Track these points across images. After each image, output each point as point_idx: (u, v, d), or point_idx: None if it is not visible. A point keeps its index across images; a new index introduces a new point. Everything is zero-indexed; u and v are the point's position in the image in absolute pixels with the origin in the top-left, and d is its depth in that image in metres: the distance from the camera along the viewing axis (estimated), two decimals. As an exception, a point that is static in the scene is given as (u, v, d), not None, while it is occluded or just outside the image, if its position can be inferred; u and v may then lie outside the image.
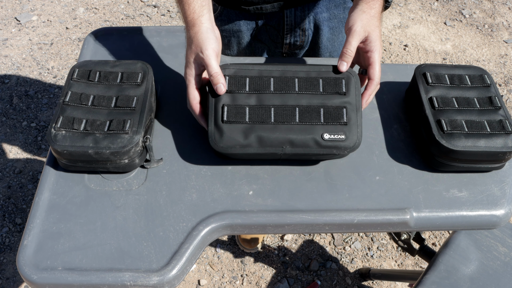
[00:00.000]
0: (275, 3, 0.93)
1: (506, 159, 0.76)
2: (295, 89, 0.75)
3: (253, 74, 0.76)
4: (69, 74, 0.79)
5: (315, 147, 0.72)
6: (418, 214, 0.73)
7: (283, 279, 1.61)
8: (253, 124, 0.72)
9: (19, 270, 0.66)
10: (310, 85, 0.75)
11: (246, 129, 0.72)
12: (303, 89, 0.75)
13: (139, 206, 0.72)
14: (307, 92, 0.74)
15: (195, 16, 0.73)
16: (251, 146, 0.72)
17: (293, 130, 0.72)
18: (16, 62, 2.24)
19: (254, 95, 0.74)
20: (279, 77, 0.76)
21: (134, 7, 2.55)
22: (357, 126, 0.73)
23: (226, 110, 0.73)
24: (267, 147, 0.72)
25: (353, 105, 0.74)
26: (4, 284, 1.57)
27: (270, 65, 0.77)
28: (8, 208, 1.75)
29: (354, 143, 0.72)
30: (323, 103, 0.74)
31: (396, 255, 1.69)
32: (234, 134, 0.72)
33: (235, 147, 0.72)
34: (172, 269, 0.66)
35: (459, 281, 1.02)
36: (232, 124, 0.72)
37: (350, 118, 0.73)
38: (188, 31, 0.74)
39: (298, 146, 0.72)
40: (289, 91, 0.75)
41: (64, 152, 0.70)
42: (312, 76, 0.76)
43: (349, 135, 0.72)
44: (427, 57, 2.37)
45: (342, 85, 0.75)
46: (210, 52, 0.72)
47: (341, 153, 0.73)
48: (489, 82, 0.83)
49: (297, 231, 0.74)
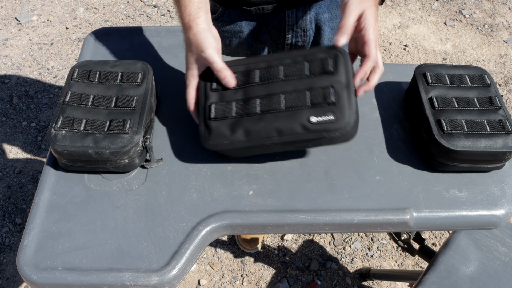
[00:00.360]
0: (277, 3, 0.93)
1: (506, 159, 0.76)
2: (280, 77, 0.72)
3: (240, 70, 0.75)
4: (69, 74, 0.79)
5: (303, 132, 0.68)
6: (418, 214, 0.73)
7: (283, 279, 1.61)
8: (240, 117, 0.71)
9: (19, 270, 0.66)
10: (295, 70, 0.72)
11: (233, 124, 0.71)
12: (288, 75, 0.72)
13: (139, 206, 0.72)
14: (293, 77, 0.72)
15: (191, 18, 0.73)
16: (238, 140, 0.70)
17: (279, 117, 0.69)
18: (16, 62, 2.24)
19: (241, 89, 0.74)
20: (265, 68, 0.74)
21: (134, 7, 2.55)
22: (349, 104, 0.67)
23: (214, 108, 0.73)
24: (255, 139, 0.69)
25: (343, 83, 0.69)
26: (4, 284, 1.57)
27: (258, 57, 0.75)
28: (8, 208, 1.75)
29: (346, 123, 0.67)
30: (310, 85, 0.70)
31: (396, 255, 1.69)
32: (221, 130, 0.71)
33: (223, 142, 0.71)
34: (172, 269, 0.66)
35: (459, 281, 1.02)
36: (219, 120, 0.72)
37: (340, 97, 0.68)
38: (185, 34, 0.75)
39: (286, 133, 0.68)
40: (274, 80, 0.72)
41: (64, 152, 0.70)
42: (298, 60, 0.73)
43: (339, 115, 0.67)
44: (427, 57, 2.37)
45: (328, 64, 0.71)
46: (211, 51, 0.72)
47: (333, 136, 0.67)
48: (489, 82, 0.83)
49: (297, 231, 0.74)
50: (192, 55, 0.74)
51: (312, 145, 0.72)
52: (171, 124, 0.83)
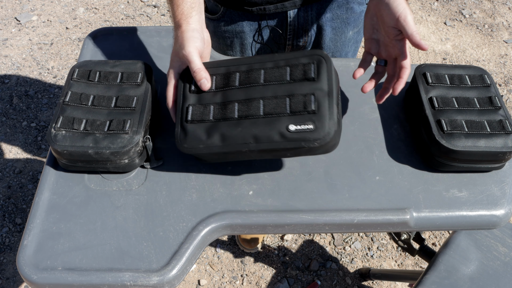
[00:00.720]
0: (278, 3, 0.93)
1: (506, 159, 0.76)
2: (260, 81, 0.70)
3: (220, 72, 0.73)
4: (69, 74, 0.79)
5: (280, 140, 0.65)
6: (418, 214, 0.73)
7: (283, 279, 1.61)
8: (217, 122, 0.69)
9: (19, 270, 0.66)
10: (276, 75, 0.69)
11: (210, 128, 0.69)
12: (268, 80, 0.70)
13: (139, 206, 0.72)
14: (273, 82, 0.69)
15: (182, 17, 0.73)
16: (214, 145, 0.68)
17: (257, 124, 0.66)
18: (16, 62, 2.24)
19: (220, 92, 0.72)
20: (245, 71, 0.72)
21: (134, 7, 2.55)
22: (330, 114, 0.65)
23: (191, 110, 0.71)
24: (231, 145, 0.67)
25: (324, 91, 0.67)
26: (4, 284, 1.57)
27: (240, 59, 0.73)
28: (8, 208, 1.75)
29: (326, 134, 0.64)
30: (290, 92, 0.68)
31: (396, 255, 1.69)
32: (197, 134, 0.69)
33: (198, 147, 0.69)
34: (172, 269, 0.66)
35: (459, 281, 1.02)
36: (196, 123, 0.70)
37: (321, 105, 0.65)
38: (174, 32, 0.74)
39: (263, 141, 0.66)
40: (254, 84, 0.70)
41: (64, 152, 0.70)
42: (280, 65, 0.70)
43: (319, 125, 0.64)
44: (427, 57, 2.37)
45: (311, 70, 0.68)
46: (192, 50, 0.71)
47: (311, 146, 0.64)
48: (489, 82, 0.83)
49: (297, 231, 0.74)
50: (175, 53, 0.73)
51: (290, 155, 0.69)
52: (171, 124, 0.82)
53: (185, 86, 0.73)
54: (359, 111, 0.86)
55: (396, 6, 0.71)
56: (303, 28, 0.99)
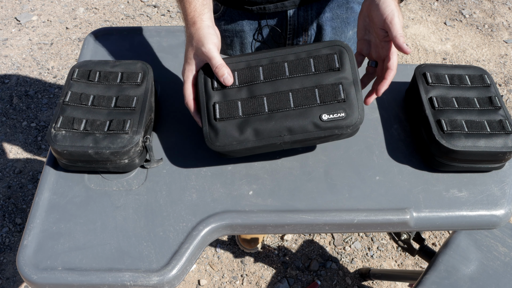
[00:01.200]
0: (278, 3, 0.93)
1: (506, 159, 0.76)
2: (285, 74, 0.71)
3: (241, 67, 0.73)
4: (69, 74, 0.79)
5: (315, 130, 0.68)
6: (418, 214, 0.73)
7: (283, 279, 1.61)
8: (247, 117, 0.70)
9: (19, 270, 0.66)
10: (301, 67, 0.71)
11: (241, 124, 0.70)
12: (294, 72, 0.71)
13: (139, 206, 0.72)
14: (299, 74, 0.71)
15: (196, 14, 0.73)
16: (248, 140, 0.69)
17: (289, 116, 0.69)
18: (16, 62, 2.24)
19: (245, 87, 0.72)
20: (268, 65, 0.72)
21: (134, 7, 2.55)
22: (357, 101, 0.69)
23: (218, 108, 0.71)
24: (265, 138, 0.69)
25: (350, 79, 0.70)
26: (4, 284, 1.57)
27: (258, 54, 0.74)
28: (8, 208, 1.75)
29: (356, 120, 0.68)
30: (317, 82, 0.70)
31: (396, 255, 1.69)
32: (229, 131, 0.69)
33: (232, 144, 0.69)
34: (172, 269, 0.66)
35: (459, 281, 1.02)
36: (225, 121, 0.70)
37: (349, 94, 0.69)
38: (188, 29, 0.74)
39: (297, 132, 0.68)
40: (280, 77, 0.71)
41: (64, 152, 0.70)
42: (302, 57, 0.72)
43: (350, 112, 0.69)
44: (427, 57, 2.37)
45: (335, 61, 0.71)
46: (212, 46, 0.71)
47: (344, 133, 0.69)
48: (489, 82, 0.83)
49: (297, 231, 0.74)
50: (192, 50, 0.73)
51: (320, 142, 0.73)
52: (171, 124, 0.83)
53: (207, 84, 0.73)
54: (359, 111, 0.86)
55: (384, 7, 0.72)
56: (303, 27, 0.99)
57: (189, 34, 0.74)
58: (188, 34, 0.74)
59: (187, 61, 0.74)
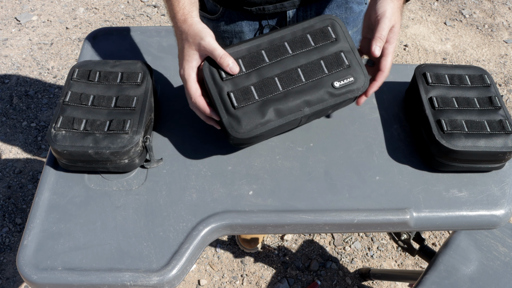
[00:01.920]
0: (278, 3, 0.93)
1: (506, 159, 0.76)
2: (288, 52, 0.74)
3: (243, 54, 0.74)
4: (69, 74, 0.79)
5: (330, 98, 0.73)
6: (418, 214, 0.73)
7: (283, 279, 1.61)
8: (265, 99, 0.72)
9: (19, 270, 0.66)
10: (301, 43, 0.75)
11: (260, 107, 0.71)
12: (296, 49, 0.74)
13: (139, 206, 0.72)
14: (301, 50, 0.74)
15: (185, 11, 0.73)
16: (271, 121, 0.71)
17: (304, 90, 0.73)
18: (16, 62, 2.24)
19: (253, 72, 0.73)
20: (269, 47, 0.75)
21: (134, 7, 2.55)
22: (360, 65, 0.74)
23: (233, 96, 0.71)
24: (287, 116, 0.71)
25: (348, 47, 0.75)
26: (4, 284, 1.57)
27: (255, 40, 0.75)
28: (8, 208, 1.75)
29: (364, 82, 0.74)
30: (320, 55, 0.74)
31: (396, 255, 1.69)
32: (251, 116, 0.71)
33: (257, 127, 0.71)
34: (172, 269, 0.66)
35: (459, 281, 1.02)
36: (244, 107, 0.71)
37: (351, 60, 0.74)
38: (179, 26, 0.73)
39: (315, 103, 0.72)
40: (284, 56, 0.74)
41: (64, 152, 0.70)
42: (299, 34, 0.75)
43: (357, 76, 0.74)
44: (427, 57, 2.37)
45: (330, 33, 0.75)
46: (210, 39, 0.71)
47: (356, 95, 0.74)
48: (489, 82, 0.83)
49: (297, 231, 0.74)
50: (190, 46, 0.72)
51: (334, 110, 0.78)
52: (171, 124, 0.83)
53: (214, 76, 0.73)
54: (359, 111, 0.86)
55: (380, 6, 0.74)
56: None
57: (182, 31, 0.73)
58: (181, 31, 0.73)
59: (186, 59, 0.73)
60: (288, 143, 0.81)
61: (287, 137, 0.82)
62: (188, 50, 0.72)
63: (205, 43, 0.71)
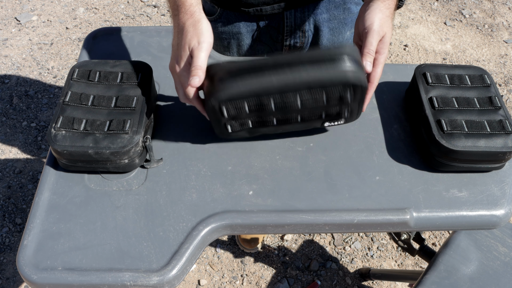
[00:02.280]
0: (275, 4, 0.93)
1: (506, 159, 0.76)
2: (297, 107, 0.71)
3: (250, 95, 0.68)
4: (69, 74, 0.79)
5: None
6: (418, 214, 0.73)
7: (283, 279, 1.61)
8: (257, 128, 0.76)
9: (19, 270, 0.66)
10: (314, 101, 0.70)
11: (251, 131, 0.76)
12: (306, 105, 0.71)
13: (139, 206, 0.72)
14: (310, 105, 0.71)
15: (193, 5, 0.71)
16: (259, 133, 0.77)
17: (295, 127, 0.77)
18: (16, 62, 2.24)
19: (255, 114, 0.72)
20: (280, 101, 0.70)
21: (134, 7, 2.55)
22: (358, 110, 0.75)
23: (230, 126, 0.74)
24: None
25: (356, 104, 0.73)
26: (4, 284, 1.57)
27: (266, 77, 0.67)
28: (8, 208, 1.75)
29: (357, 117, 0.77)
30: (326, 109, 0.73)
31: (396, 255, 1.69)
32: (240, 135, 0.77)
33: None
34: (172, 269, 0.66)
35: (459, 281, 1.02)
36: (236, 133, 0.76)
37: (352, 111, 0.74)
38: (183, 17, 0.70)
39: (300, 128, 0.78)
40: (291, 108, 0.71)
41: (64, 152, 0.70)
42: (315, 88, 0.68)
43: (350, 119, 0.77)
44: (427, 57, 2.37)
45: (347, 95, 0.70)
46: (205, 46, 0.68)
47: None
48: (489, 82, 0.83)
49: (297, 231, 0.74)
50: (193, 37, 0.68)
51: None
52: (171, 124, 0.83)
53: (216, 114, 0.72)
54: (359, 111, 0.86)
55: (367, 18, 0.71)
56: (300, 28, 0.99)
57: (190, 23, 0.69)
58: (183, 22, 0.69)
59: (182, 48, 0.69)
60: (288, 143, 0.81)
61: (287, 137, 0.82)
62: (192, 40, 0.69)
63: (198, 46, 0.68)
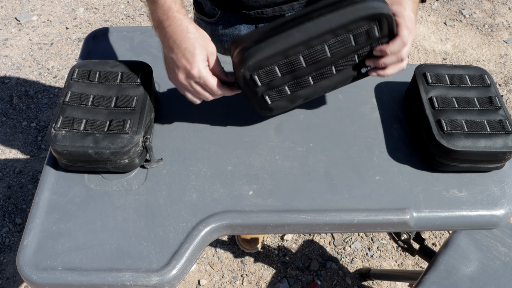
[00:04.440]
0: (276, 7, 0.93)
1: (506, 159, 0.76)
2: (327, 55, 0.71)
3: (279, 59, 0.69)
4: (69, 74, 0.79)
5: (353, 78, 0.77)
6: (418, 214, 0.73)
7: (283, 279, 1.61)
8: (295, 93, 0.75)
9: (19, 270, 0.66)
10: (343, 47, 0.70)
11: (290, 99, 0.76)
12: (336, 52, 0.71)
13: (139, 206, 0.72)
14: (341, 51, 0.71)
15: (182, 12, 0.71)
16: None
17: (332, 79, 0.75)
18: (16, 62, 2.24)
19: (288, 75, 0.72)
20: (308, 53, 0.70)
21: (134, 7, 2.55)
22: None
23: (268, 97, 0.74)
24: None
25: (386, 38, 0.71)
26: (4, 284, 1.57)
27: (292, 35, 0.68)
28: (8, 208, 1.75)
29: None
30: (357, 49, 0.71)
31: (396, 255, 1.69)
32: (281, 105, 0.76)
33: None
34: (172, 269, 0.66)
35: (459, 281, 1.02)
36: (276, 103, 0.75)
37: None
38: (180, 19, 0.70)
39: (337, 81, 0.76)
40: (323, 58, 0.71)
41: (64, 152, 0.70)
42: (341, 34, 0.69)
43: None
44: (427, 57, 2.37)
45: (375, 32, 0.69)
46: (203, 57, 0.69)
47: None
48: (489, 82, 0.83)
49: (297, 231, 0.74)
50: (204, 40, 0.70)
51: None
52: (171, 124, 0.83)
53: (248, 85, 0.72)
54: (359, 111, 0.86)
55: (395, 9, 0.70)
56: None
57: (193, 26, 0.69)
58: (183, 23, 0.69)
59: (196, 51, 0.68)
60: (288, 143, 0.81)
61: (287, 137, 0.82)
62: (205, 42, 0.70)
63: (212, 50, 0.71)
